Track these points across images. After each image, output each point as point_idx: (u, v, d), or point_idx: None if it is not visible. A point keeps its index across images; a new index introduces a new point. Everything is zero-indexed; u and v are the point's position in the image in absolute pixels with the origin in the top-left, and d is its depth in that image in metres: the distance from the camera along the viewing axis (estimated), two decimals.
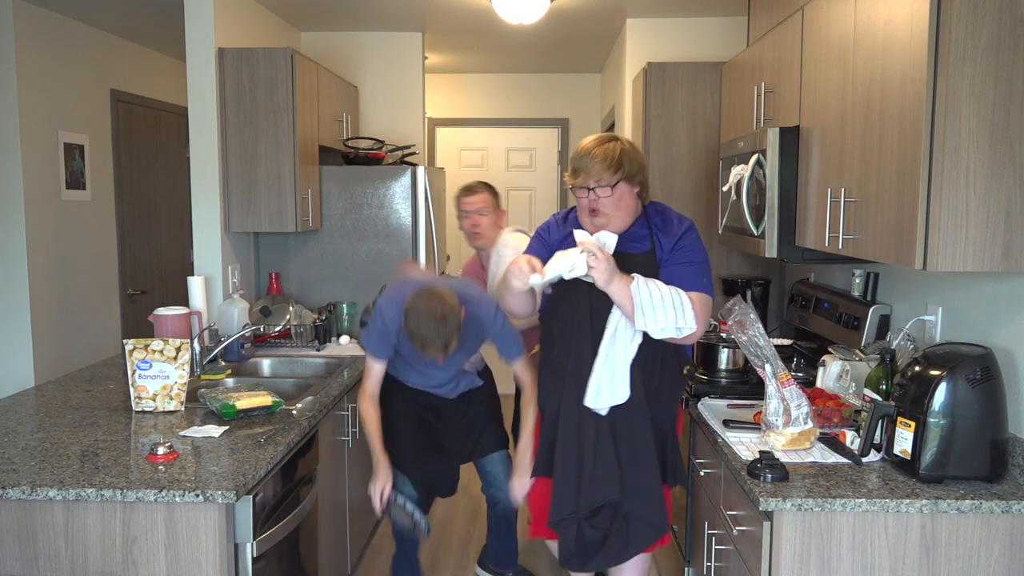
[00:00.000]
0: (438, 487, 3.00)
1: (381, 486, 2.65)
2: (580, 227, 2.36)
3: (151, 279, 5.32)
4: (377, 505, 2.66)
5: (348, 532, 3.17)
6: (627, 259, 2.27)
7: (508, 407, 3.12)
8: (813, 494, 1.88)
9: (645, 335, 2.26)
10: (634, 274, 2.21)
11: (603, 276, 2.14)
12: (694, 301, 2.24)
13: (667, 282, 2.25)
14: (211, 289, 3.61)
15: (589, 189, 2.28)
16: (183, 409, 2.61)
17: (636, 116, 4.20)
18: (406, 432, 2.86)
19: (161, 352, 2.57)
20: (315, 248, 4.09)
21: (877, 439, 2.07)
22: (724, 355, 2.93)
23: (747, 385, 2.84)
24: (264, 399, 2.53)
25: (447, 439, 2.91)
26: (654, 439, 2.33)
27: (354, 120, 4.63)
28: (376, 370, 2.68)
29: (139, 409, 2.58)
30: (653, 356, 2.33)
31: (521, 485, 2.64)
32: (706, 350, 2.98)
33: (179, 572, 1.95)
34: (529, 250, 2.43)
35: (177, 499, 1.90)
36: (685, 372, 2.46)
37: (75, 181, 4.46)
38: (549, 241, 2.44)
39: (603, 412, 2.29)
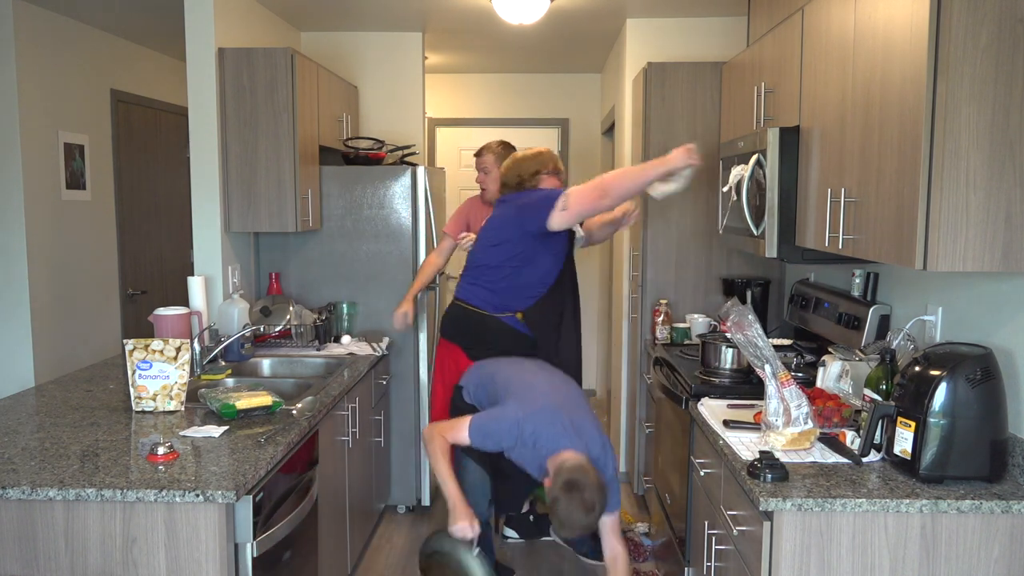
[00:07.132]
0: (504, 503, 3.05)
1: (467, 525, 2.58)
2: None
3: (151, 279, 5.32)
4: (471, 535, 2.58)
5: (348, 532, 3.17)
6: None
7: None
8: (813, 494, 1.88)
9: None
10: None
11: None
12: None
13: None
14: (211, 289, 3.61)
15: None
16: (183, 409, 2.61)
17: (636, 116, 4.20)
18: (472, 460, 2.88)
19: (161, 352, 2.57)
20: (315, 248, 4.09)
21: (877, 439, 2.07)
22: (724, 355, 2.93)
23: (747, 385, 2.84)
24: (264, 399, 2.53)
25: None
26: None
27: (354, 120, 4.63)
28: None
29: (139, 409, 2.58)
30: None
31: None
32: (707, 350, 2.98)
33: (179, 572, 1.95)
34: None
35: (177, 499, 1.90)
36: None
37: (75, 181, 4.46)
38: None
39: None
